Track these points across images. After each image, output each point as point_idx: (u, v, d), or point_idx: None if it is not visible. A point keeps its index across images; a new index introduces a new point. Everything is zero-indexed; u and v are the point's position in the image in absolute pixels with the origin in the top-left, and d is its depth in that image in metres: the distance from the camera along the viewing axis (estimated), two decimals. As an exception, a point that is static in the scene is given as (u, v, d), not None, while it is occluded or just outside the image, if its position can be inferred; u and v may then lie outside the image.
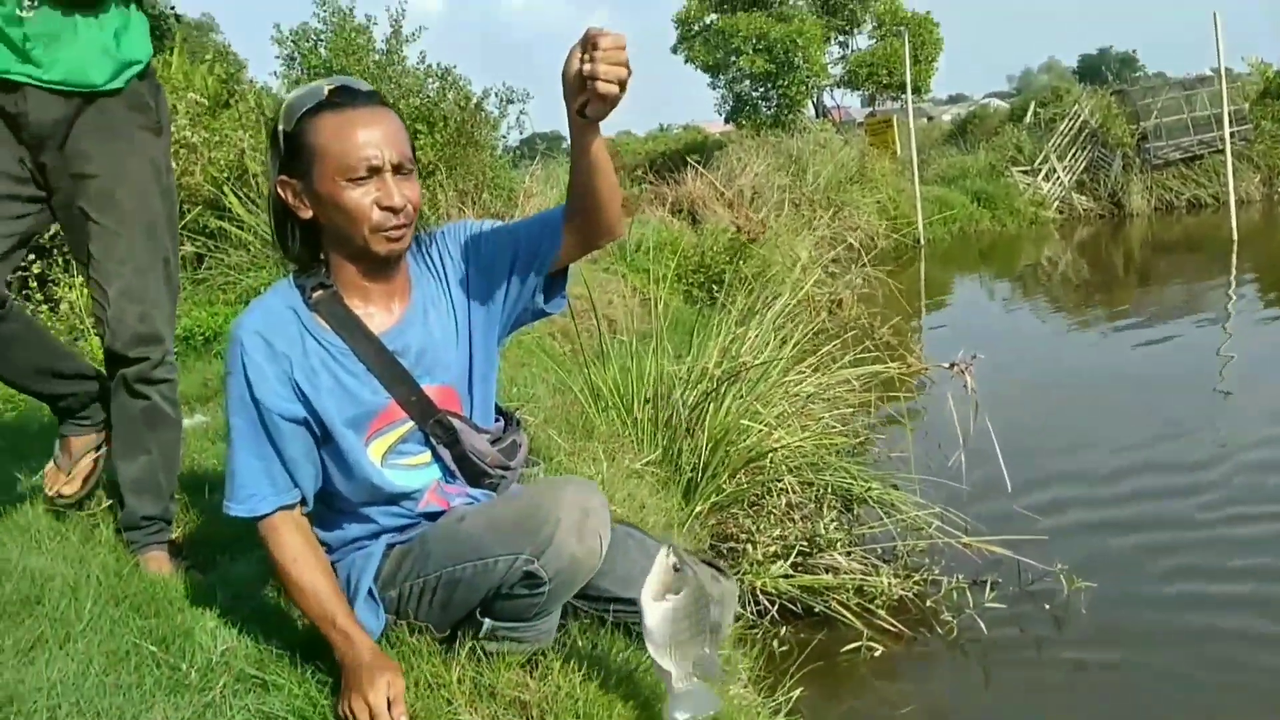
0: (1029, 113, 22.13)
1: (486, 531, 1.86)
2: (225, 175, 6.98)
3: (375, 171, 1.86)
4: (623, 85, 1.64)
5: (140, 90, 2.52)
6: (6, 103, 2.37)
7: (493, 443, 2.11)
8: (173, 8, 10.05)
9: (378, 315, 2.00)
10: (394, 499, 2.02)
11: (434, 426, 2.00)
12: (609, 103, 1.66)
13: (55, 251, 6.29)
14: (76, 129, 2.42)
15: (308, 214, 1.92)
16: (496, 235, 2.06)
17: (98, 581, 2.35)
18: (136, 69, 2.50)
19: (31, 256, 6.35)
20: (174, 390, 2.70)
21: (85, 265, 2.54)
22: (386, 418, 1.98)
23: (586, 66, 1.61)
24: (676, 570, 1.72)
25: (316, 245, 2.00)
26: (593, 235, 1.97)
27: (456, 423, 2.03)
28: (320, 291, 1.97)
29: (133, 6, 2.53)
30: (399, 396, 1.97)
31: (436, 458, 2.05)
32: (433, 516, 2.05)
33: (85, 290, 6.09)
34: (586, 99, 1.66)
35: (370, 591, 1.98)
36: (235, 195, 6.66)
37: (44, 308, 6.03)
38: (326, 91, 1.89)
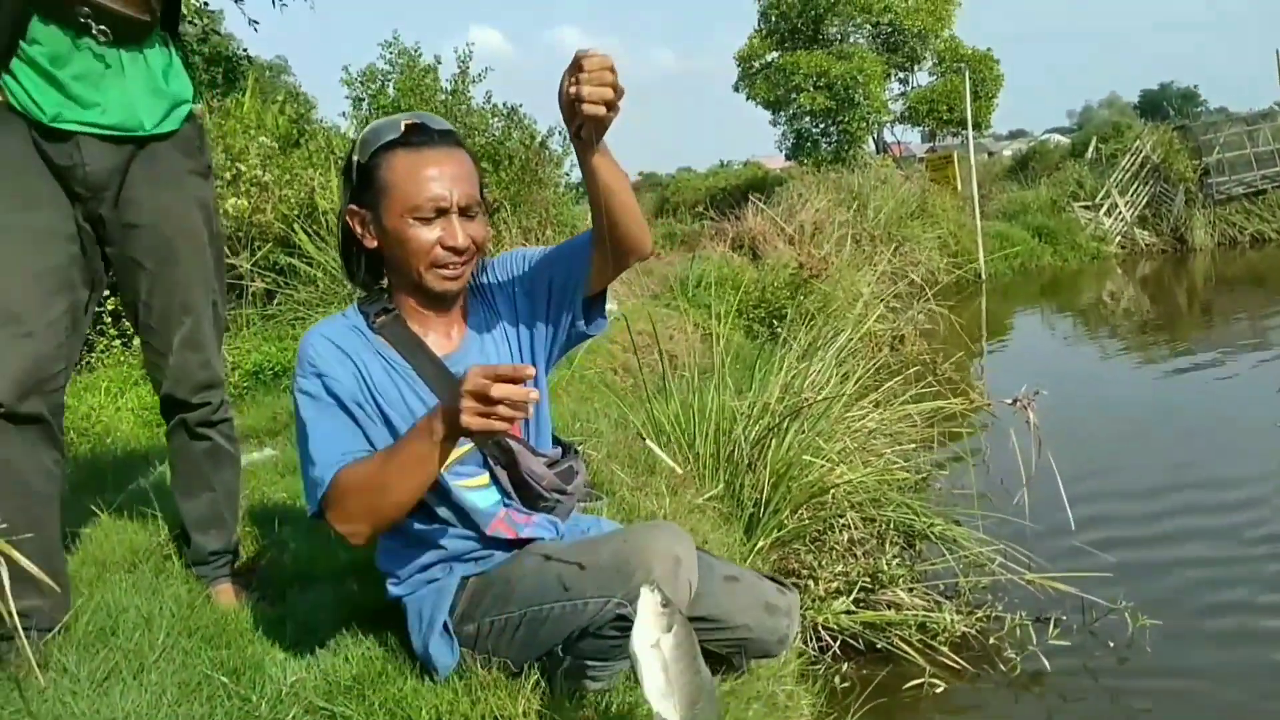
0: (1090, 148, 21.92)
1: (578, 572, 1.87)
2: (295, 213, 7.13)
3: (442, 212, 1.92)
4: (610, 105, 1.65)
5: (189, 133, 2.44)
6: (57, 155, 2.23)
7: (549, 466, 2.14)
8: (245, 50, 10.37)
9: (437, 341, 2.06)
10: (462, 517, 2.04)
11: (492, 448, 2.04)
12: (599, 123, 1.68)
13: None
14: (129, 177, 2.32)
15: (373, 243, 1.99)
16: (537, 262, 2.11)
17: (170, 613, 2.40)
18: (186, 109, 2.41)
19: (106, 293, 6.53)
20: (232, 428, 2.70)
21: (137, 314, 2.47)
22: None
23: (573, 89, 1.63)
24: (664, 607, 1.63)
25: (380, 273, 2.07)
26: (618, 254, 1.96)
27: (514, 444, 2.05)
28: (384, 316, 2.03)
29: (173, 46, 2.44)
30: None
31: (494, 480, 2.08)
32: (500, 544, 2.06)
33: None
34: (580, 121, 1.68)
35: (445, 626, 2.00)
36: (305, 232, 6.81)
37: (117, 343, 6.19)
38: (403, 127, 1.94)
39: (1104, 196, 19.18)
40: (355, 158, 1.97)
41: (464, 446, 2.02)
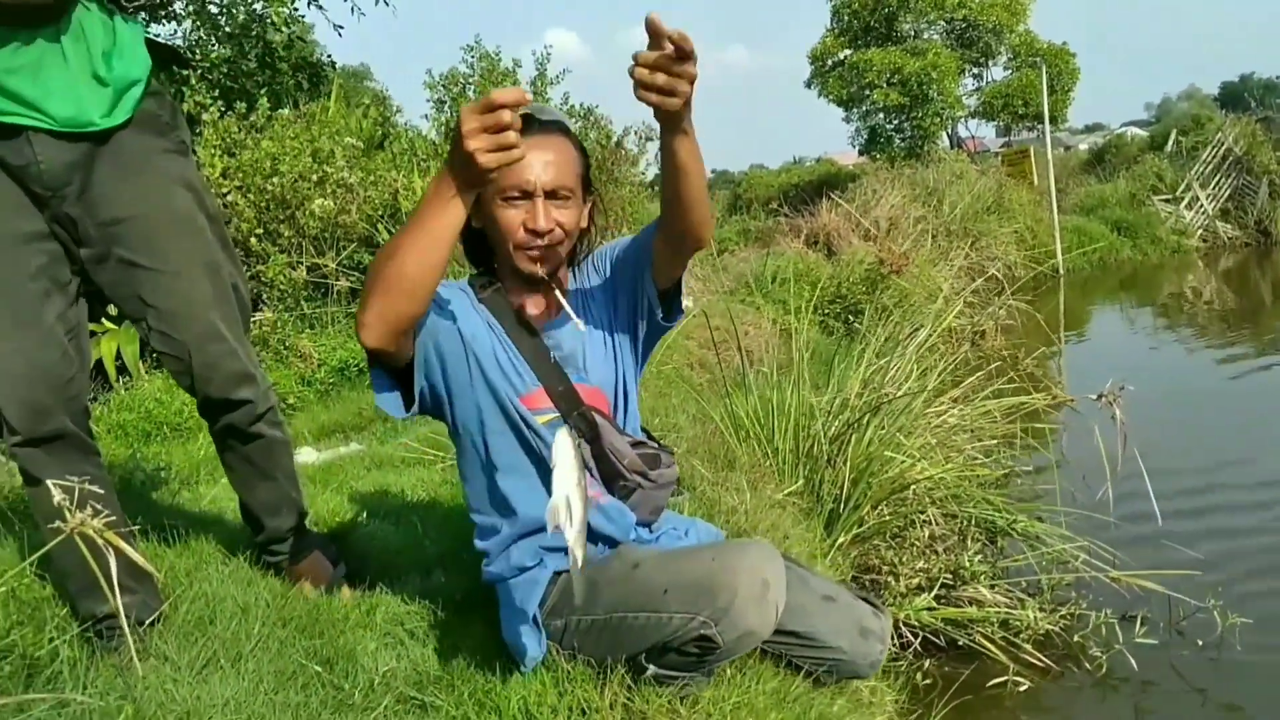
0: (1170, 141, 21.40)
1: (664, 585, 1.88)
2: (379, 213, 7.30)
3: (527, 195, 1.99)
4: (667, 93, 1.64)
5: (151, 110, 2.21)
6: (8, 154, 2.03)
7: (633, 446, 2.17)
8: (329, 56, 10.58)
9: (534, 317, 2.13)
10: (545, 475, 2.02)
11: (577, 419, 2.07)
12: (664, 111, 1.68)
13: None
14: (96, 175, 2.11)
15: (478, 224, 2.07)
16: (620, 252, 2.17)
17: (265, 603, 2.46)
18: (138, 90, 2.16)
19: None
20: (278, 413, 2.55)
21: (143, 318, 2.23)
22: (532, 402, 2.06)
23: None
24: (577, 447, 1.75)
25: (489, 253, 2.16)
26: (679, 240, 1.98)
27: (599, 418, 2.10)
28: (488, 290, 2.12)
29: (117, 19, 2.18)
30: (547, 385, 2.06)
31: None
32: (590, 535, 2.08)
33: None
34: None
35: (535, 618, 2.03)
36: (389, 232, 6.96)
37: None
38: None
39: (1184, 189, 18.71)
40: None
41: (548, 414, 2.07)
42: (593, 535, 2.07)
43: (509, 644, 2.09)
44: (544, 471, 2.03)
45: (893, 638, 3.51)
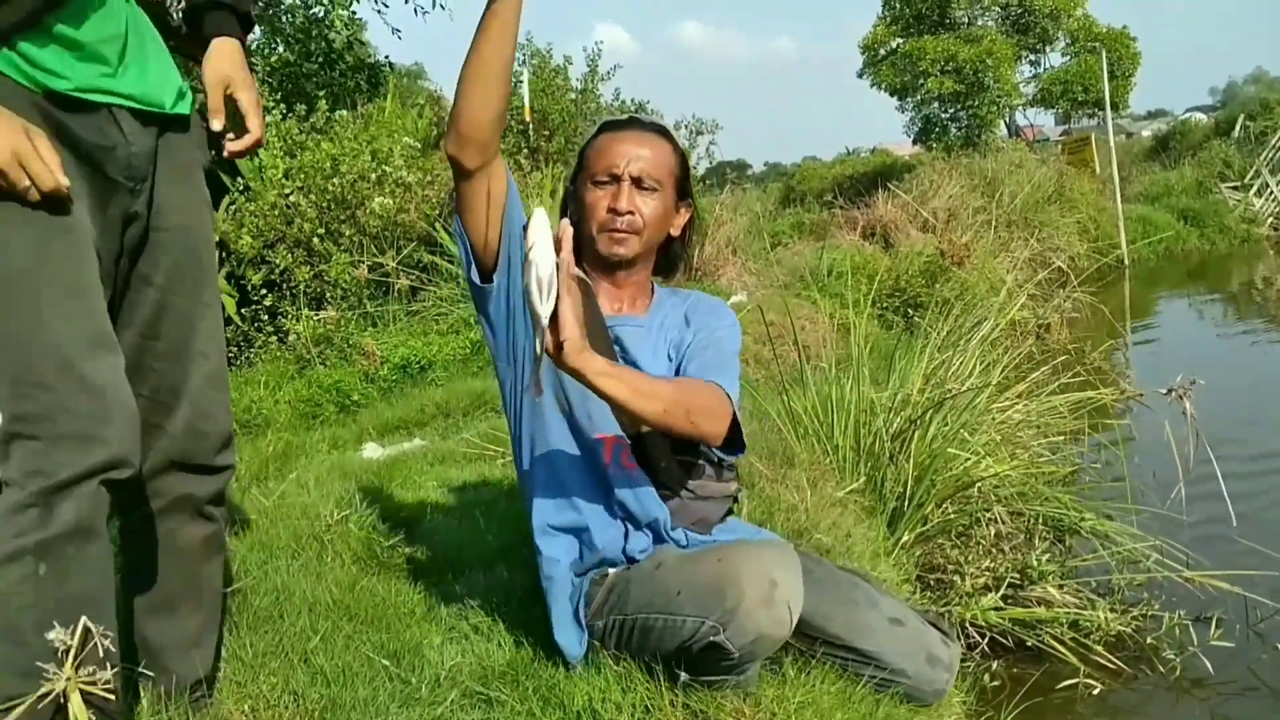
0: (1238, 126, 20.95)
1: (678, 587, 1.88)
2: (436, 212, 7.41)
3: (615, 179, 2.07)
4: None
5: (197, 121, 1.91)
6: (86, 130, 1.64)
7: (673, 453, 2.15)
8: (387, 57, 10.71)
9: (606, 305, 2.16)
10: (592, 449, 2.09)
11: (618, 411, 2.06)
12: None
13: (284, 286, 6.80)
14: (157, 170, 1.77)
15: (574, 217, 2.12)
16: (698, 345, 2.19)
17: (331, 597, 2.50)
18: (190, 93, 1.85)
19: (264, 291, 6.89)
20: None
21: (144, 349, 1.79)
22: None
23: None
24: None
25: (580, 249, 2.16)
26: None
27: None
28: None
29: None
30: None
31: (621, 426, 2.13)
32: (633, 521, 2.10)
33: (311, 320, 6.54)
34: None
35: (577, 615, 2.06)
36: (446, 231, 7.04)
37: (273, 340, 6.52)
38: (613, 119, 2.16)
39: (1254, 176, 18.29)
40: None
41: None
42: (611, 508, 2.10)
43: (556, 639, 2.10)
44: (592, 465, 2.08)
45: (960, 638, 3.46)
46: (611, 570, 2.08)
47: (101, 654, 1.41)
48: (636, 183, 2.08)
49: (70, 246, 1.58)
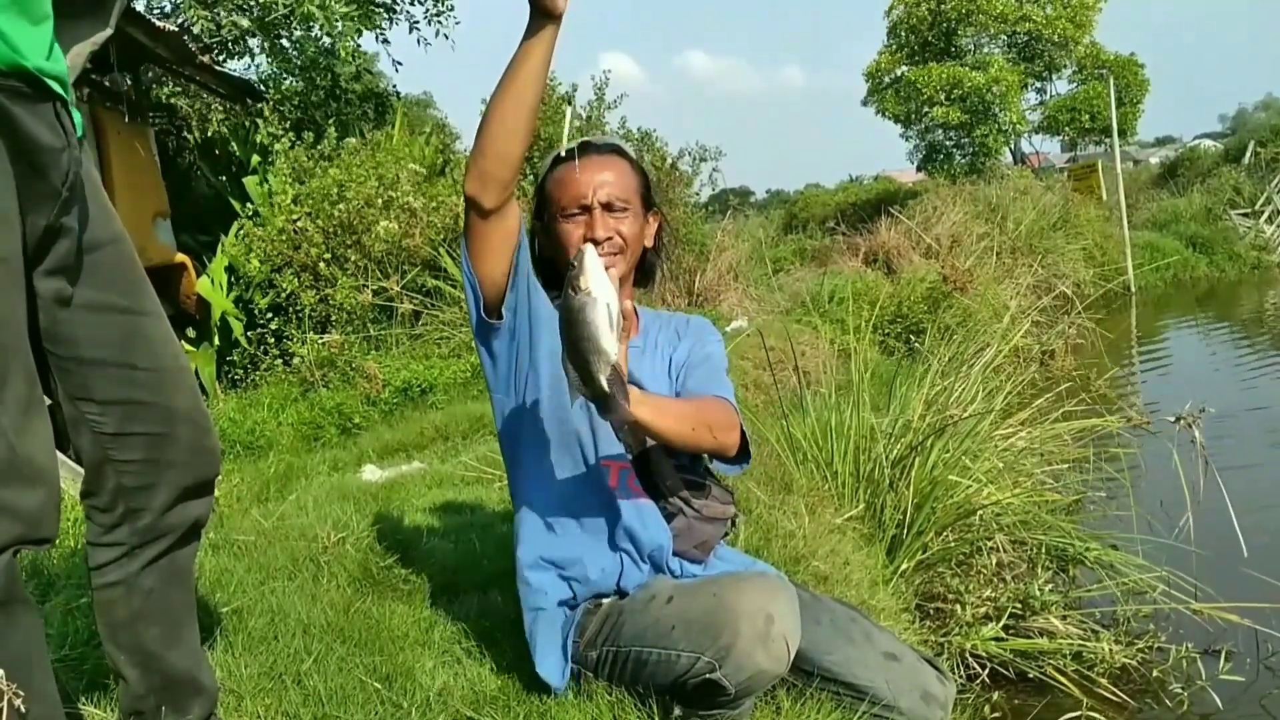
0: (1248, 152, 20.93)
1: (672, 622, 1.85)
2: (441, 238, 7.48)
3: (585, 209, 2.06)
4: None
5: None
6: (35, 127, 1.39)
7: (678, 470, 2.14)
8: (394, 85, 10.85)
9: None
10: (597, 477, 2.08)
11: (627, 434, 2.02)
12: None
13: (290, 310, 6.87)
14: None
15: (547, 252, 2.14)
16: (693, 363, 2.21)
17: (325, 619, 2.49)
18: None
19: (270, 314, 6.94)
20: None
21: (129, 381, 1.59)
22: None
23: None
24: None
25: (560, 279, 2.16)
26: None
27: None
28: None
29: None
30: None
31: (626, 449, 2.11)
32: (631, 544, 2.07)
33: (315, 344, 6.57)
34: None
35: (565, 644, 2.03)
36: (450, 256, 7.15)
37: (278, 363, 6.60)
38: (564, 151, 2.11)
39: (1264, 203, 18.26)
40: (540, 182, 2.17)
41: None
42: (614, 536, 2.09)
43: (539, 673, 2.07)
44: (597, 491, 2.08)
45: (957, 668, 3.40)
46: (605, 600, 2.06)
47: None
48: (607, 208, 2.07)
49: (3, 292, 1.37)
